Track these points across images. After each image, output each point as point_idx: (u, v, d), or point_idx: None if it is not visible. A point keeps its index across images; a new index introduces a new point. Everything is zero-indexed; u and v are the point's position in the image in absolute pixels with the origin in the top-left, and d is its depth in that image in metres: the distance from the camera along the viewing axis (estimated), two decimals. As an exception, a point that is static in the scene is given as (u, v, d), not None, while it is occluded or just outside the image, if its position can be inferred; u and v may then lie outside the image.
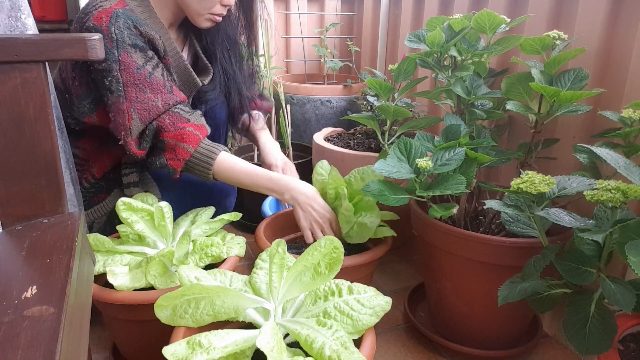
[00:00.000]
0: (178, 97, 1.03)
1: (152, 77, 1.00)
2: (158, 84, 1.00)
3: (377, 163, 0.89)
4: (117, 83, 0.97)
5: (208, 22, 1.07)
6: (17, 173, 0.58)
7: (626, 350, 0.76)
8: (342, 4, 2.15)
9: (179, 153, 1.00)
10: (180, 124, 1.00)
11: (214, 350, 0.58)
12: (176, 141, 1.00)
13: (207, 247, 0.92)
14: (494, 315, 0.94)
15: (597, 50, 0.97)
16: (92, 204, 1.11)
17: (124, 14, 0.97)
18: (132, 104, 0.98)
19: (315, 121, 1.81)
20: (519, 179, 0.73)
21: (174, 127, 1.00)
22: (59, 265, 0.49)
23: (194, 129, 1.02)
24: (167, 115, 1.00)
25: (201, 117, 1.07)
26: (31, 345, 0.37)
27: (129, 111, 0.98)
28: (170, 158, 1.01)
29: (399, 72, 1.10)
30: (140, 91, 0.98)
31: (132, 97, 0.98)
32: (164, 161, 1.01)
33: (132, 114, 0.98)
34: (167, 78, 1.03)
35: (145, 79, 0.99)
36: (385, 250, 1.01)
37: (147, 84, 0.99)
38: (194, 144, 1.01)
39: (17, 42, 0.55)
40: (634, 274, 0.61)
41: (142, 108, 0.98)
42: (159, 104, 0.99)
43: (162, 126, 1.00)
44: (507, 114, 1.13)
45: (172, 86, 1.04)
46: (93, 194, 1.11)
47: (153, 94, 0.99)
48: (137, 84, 0.98)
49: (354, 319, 0.67)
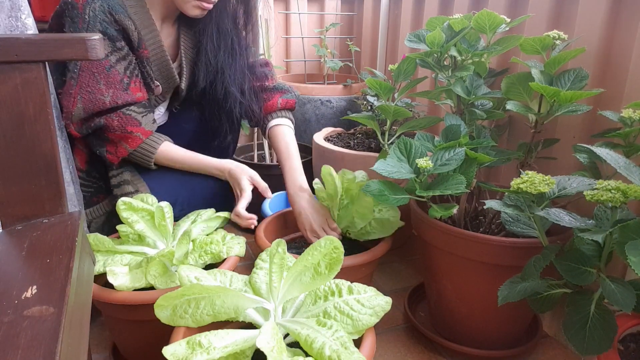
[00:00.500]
0: (132, 96, 1.03)
1: (112, 70, 0.99)
2: (115, 79, 1.00)
3: (377, 163, 0.89)
4: (74, 64, 0.97)
5: (197, 10, 1.05)
6: (17, 173, 0.58)
7: (626, 350, 0.76)
8: (342, 4, 2.15)
9: (119, 151, 1.05)
10: (129, 127, 1.03)
11: (214, 350, 0.58)
12: (120, 140, 1.04)
13: (206, 245, 0.92)
14: (494, 315, 0.94)
15: (597, 50, 0.97)
16: (91, 204, 1.11)
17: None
18: (81, 90, 0.98)
19: (315, 121, 1.81)
20: (519, 179, 0.73)
21: (121, 129, 1.02)
22: (59, 265, 0.48)
23: (142, 134, 1.05)
24: (117, 116, 1.01)
25: (152, 123, 1.08)
26: (31, 345, 0.37)
27: (75, 97, 0.98)
28: (110, 152, 1.05)
29: (399, 72, 1.10)
30: (93, 80, 0.98)
31: (83, 83, 0.98)
32: (104, 152, 1.05)
33: (77, 101, 0.98)
34: (128, 73, 1.02)
35: (104, 70, 0.98)
36: (385, 250, 1.01)
37: (104, 75, 0.98)
38: (135, 145, 1.05)
39: (17, 42, 0.55)
40: (634, 274, 0.61)
41: (88, 98, 0.98)
42: (106, 99, 0.99)
43: (110, 126, 1.01)
44: (507, 114, 1.13)
45: (131, 83, 1.03)
46: (91, 193, 1.11)
47: (105, 86, 0.99)
48: (94, 72, 0.98)
49: (354, 319, 0.67)
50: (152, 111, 1.11)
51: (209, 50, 1.14)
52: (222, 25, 1.13)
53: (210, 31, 1.13)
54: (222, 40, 1.14)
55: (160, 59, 1.10)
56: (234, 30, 1.16)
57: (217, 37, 1.13)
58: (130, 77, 1.03)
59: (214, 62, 1.15)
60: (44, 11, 2.87)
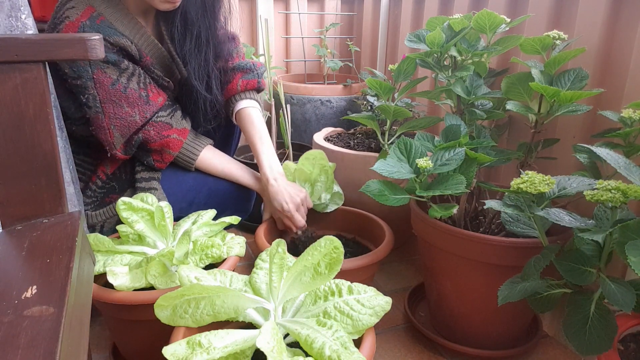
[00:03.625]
0: (155, 104, 1.06)
1: (128, 91, 1.02)
2: (134, 97, 1.02)
3: (377, 163, 0.89)
4: (94, 100, 1.00)
5: (165, 4, 1.01)
6: (17, 173, 0.58)
7: (626, 350, 0.76)
8: (342, 4, 2.15)
9: (165, 157, 1.11)
10: (164, 132, 1.08)
11: (214, 350, 0.58)
12: (162, 147, 1.09)
13: (207, 248, 0.92)
14: (494, 315, 0.94)
15: (597, 50, 0.97)
16: (104, 204, 1.11)
17: (90, 26, 0.97)
18: (111, 120, 1.02)
19: (315, 121, 1.81)
20: (519, 179, 0.73)
21: (159, 136, 1.07)
22: (59, 265, 0.48)
23: (177, 134, 1.10)
24: (152, 126, 1.06)
25: (182, 119, 1.12)
26: (31, 345, 0.37)
27: (109, 127, 1.03)
28: (157, 160, 1.11)
29: (399, 72, 1.10)
30: (117, 107, 1.01)
31: (110, 114, 1.02)
32: (152, 161, 1.11)
33: (112, 130, 1.03)
34: (143, 86, 1.04)
35: (121, 94, 1.01)
36: (387, 252, 1.01)
37: (124, 98, 1.01)
38: (177, 148, 1.11)
39: (17, 42, 0.55)
40: (634, 274, 0.61)
41: (121, 124, 1.03)
42: (136, 118, 1.04)
43: (148, 138, 1.07)
44: (507, 114, 1.13)
45: (149, 93, 1.05)
46: (104, 194, 1.11)
47: (130, 107, 1.03)
48: (114, 100, 1.01)
49: (354, 319, 0.67)
50: (177, 108, 1.13)
51: (175, 39, 1.10)
52: (189, 14, 1.08)
53: (176, 21, 1.08)
54: (187, 31, 1.09)
55: (159, 57, 1.09)
56: (202, 19, 1.10)
57: (182, 26, 1.09)
58: (145, 88, 1.05)
59: (181, 52, 1.11)
60: (44, 11, 2.87)
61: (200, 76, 1.13)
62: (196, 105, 1.16)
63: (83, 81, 0.98)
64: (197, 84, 1.12)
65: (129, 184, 1.14)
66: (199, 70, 1.12)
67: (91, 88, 0.98)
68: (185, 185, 1.15)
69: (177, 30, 1.08)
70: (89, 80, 0.98)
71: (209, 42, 1.12)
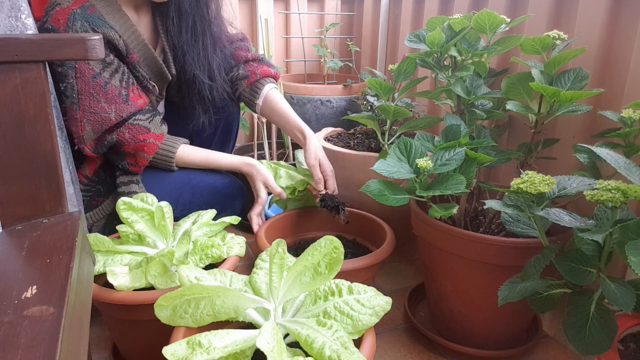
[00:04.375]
0: (134, 105, 1.04)
1: (108, 86, 1.00)
2: (113, 94, 1.01)
3: (377, 163, 0.89)
4: (71, 90, 0.98)
5: None
6: (17, 173, 0.58)
7: (626, 350, 0.76)
8: (342, 4, 2.15)
9: (139, 161, 1.08)
10: (140, 136, 1.05)
11: (214, 350, 0.58)
12: (136, 150, 1.07)
13: (207, 248, 0.92)
14: (494, 315, 0.94)
15: (597, 50, 0.97)
16: (90, 207, 1.11)
17: (81, 15, 0.96)
18: (84, 113, 1.00)
19: (315, 121, 1.81)
20: (519, 179, 0.73)
21: (134, 140, 1.05)
22: (59, 265, 0.48)
23: (154, 139, 1.08)
24: (127, 129, 1.04)
25: (161, 124, 1.11)
26: (31, 345, 0.37)
27: (81, 120, 1.00)
28: (131, 164, 1.09)
29: (399, 72, 1.10)
30: (94, 100, 0.99)
31: (85, 106, 0.99)
32: (126, 165, 1.09)
33: (84, 124, 1.00)
34: (125, 84, 1.03)
35: (101, 88, 0.99)
36: (387, 253, 1.01)
37: (102, 93, 1.00)
38: (152, 152, 1.08)
39: (17, 42, 0.55)
40: (634, 274, 0.61)
41: (94, 119, 1.01)
42: (111, 115, 1.01)
43: (122, 140, 1.04)
44: (507, 114, 1.13)
45: (130, 93, 1.04)
46: (90, 197, 1.11)
47: (107, 103, 1.00)
48: (92, 93, 0.99)
49: (354, 319, 0.67)
50: (157, 113, 1.12)
51: (171, 32, 1.11)
52: (182, 5, 1.09)
53: (171, 13, 1.09)
54: (182, 22, 1.10)
55: (148, 58, 1.09)
56: (195, 8, 1.11)
57: (177, 18, 1.10)
58: (127, 87, 1.03)
59: (179, 44, 1.12)
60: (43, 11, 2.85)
61: (201, 65, 1.15)
62: (200, 94, 1.17)
63: (65, 69, 0.96)
64: (199, 73, 1.14)
65: (114, 187, 1.13)
66: (198, 60, 1.14)
67: (71, 77, 0.97)
68: (167, 185, 1.14)
69: (173, 22, 1.09)
70: (70, 69, 0.96)
71: (204, 31, 1.14)
